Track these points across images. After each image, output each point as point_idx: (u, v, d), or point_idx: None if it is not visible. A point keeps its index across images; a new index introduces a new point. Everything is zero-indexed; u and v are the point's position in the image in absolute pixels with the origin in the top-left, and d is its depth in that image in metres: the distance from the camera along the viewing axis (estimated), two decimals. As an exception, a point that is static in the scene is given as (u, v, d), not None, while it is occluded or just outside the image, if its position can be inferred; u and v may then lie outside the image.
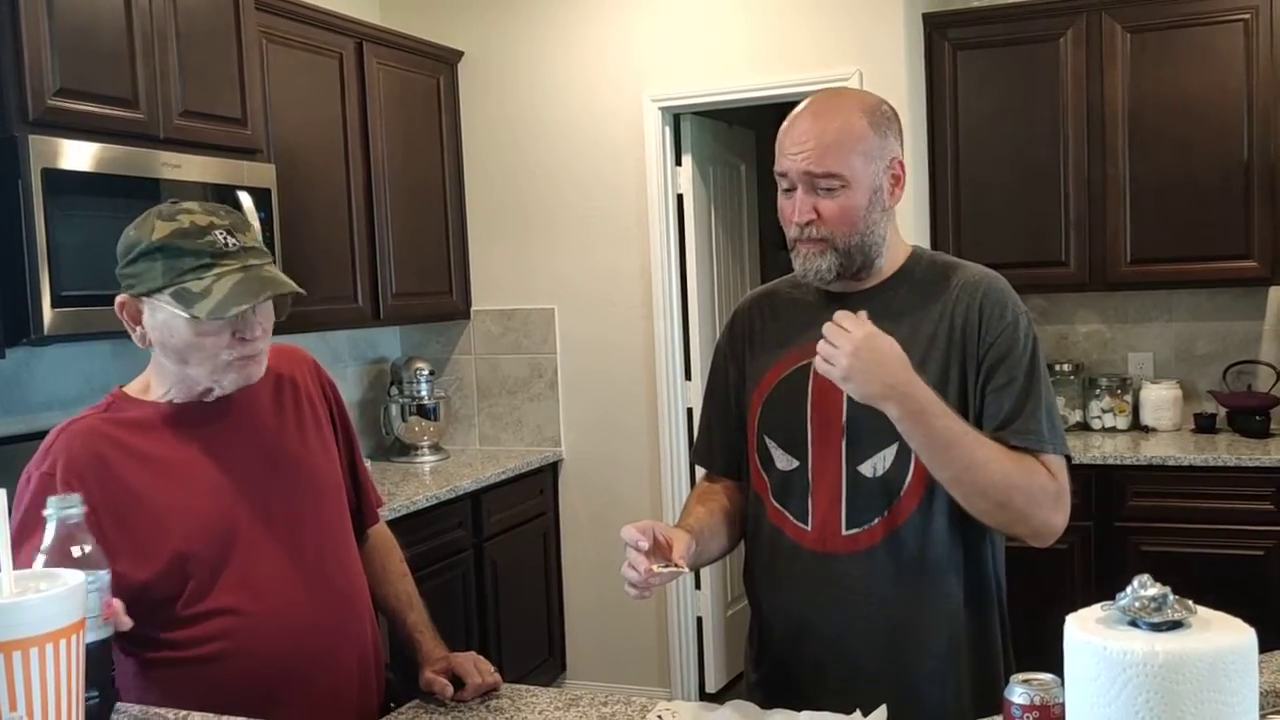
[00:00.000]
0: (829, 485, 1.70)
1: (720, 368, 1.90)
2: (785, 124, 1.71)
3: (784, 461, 1.74)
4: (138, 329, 1.63)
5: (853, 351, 1.51)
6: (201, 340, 1.59)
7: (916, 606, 1.68)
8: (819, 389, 1.70)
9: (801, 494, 1.73)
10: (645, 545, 1.53)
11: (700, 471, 1.96)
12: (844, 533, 1.69)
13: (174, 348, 1.60)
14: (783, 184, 1.70)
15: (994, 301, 1.68)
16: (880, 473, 1.67)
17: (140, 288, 1.58)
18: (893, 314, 1.69)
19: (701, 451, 1.93)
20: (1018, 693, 1.18)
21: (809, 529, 1.71)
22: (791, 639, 1.77)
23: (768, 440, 1.77)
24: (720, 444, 1.89)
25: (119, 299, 1.63)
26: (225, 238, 1.58)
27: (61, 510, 1.39)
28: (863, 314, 1.57)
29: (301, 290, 1.64)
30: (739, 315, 1.90)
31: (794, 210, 1.67)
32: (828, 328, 1.55)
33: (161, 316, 1.59)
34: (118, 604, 1.42)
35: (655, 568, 1.52)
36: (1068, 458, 1.68)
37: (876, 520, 1.67)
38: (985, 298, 1.68)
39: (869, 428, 1.66)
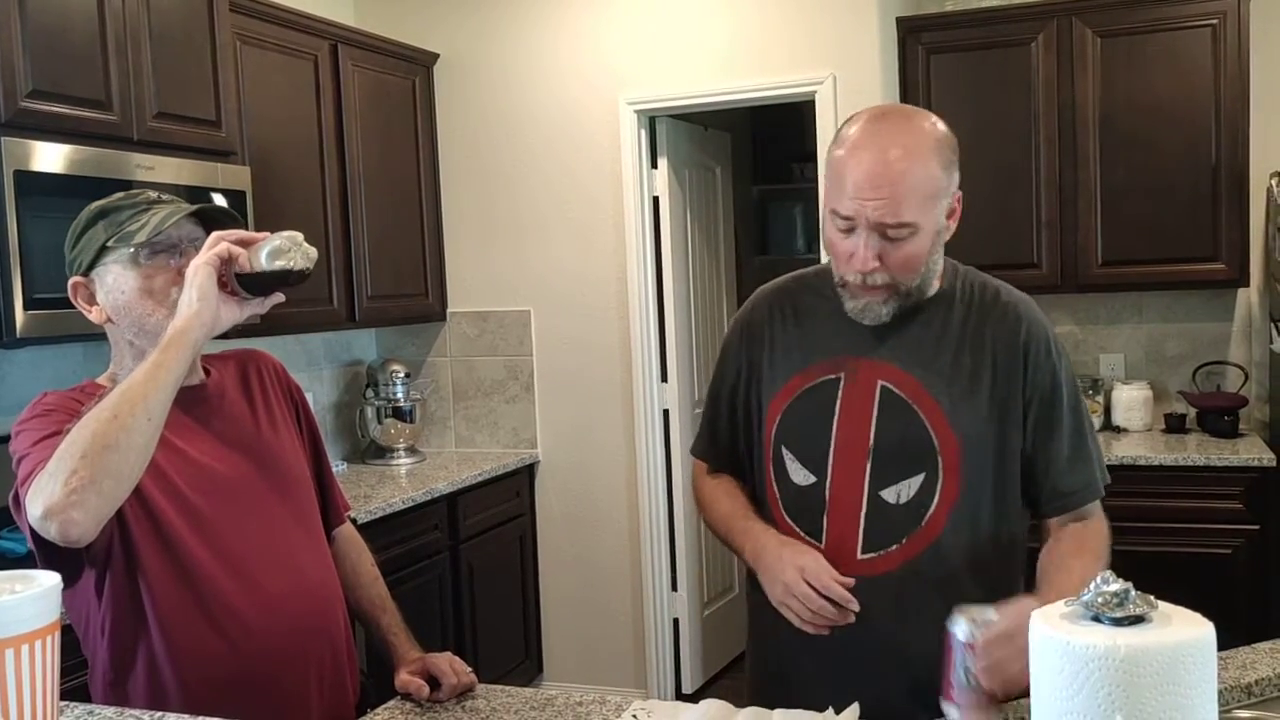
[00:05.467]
0: (848, 506, 1.65)
1: (731, 365, 1.82)
2: (848, 153, 1.57)
3: (800, 476, 1.69)
4: (93, 309, 1.65)
5: (1014, 673, 1.37)
6: (149, 282, 1.61)
7: (926, 634, 1.60)
8: (848, 406, 1.66)
9: (816, 512, 1.68)
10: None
11: (695, 461, 1.93)
12: (859, 556, 1.64)
13: (125, 306, 1.62)
14: (840, 224, 1.58)
15: (1038, 339, 1.68)
16: (904, 500, 1.63)
17: (86, 257, 1.62)
18: (935, 339, 1.67)
19: (705, 451, 1.89)
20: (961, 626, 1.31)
21: (822, 547, 1.66)
22: (792, 653, 1.73)
23: (785, 451, 1.71)
24: (725, 447, 1.85)
25: (70, 283, 1.66)
26: (159, 195, 1.68)
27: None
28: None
29: (235, 213, 1.72)
30: (756, 313, 1.81)
31: (858, 257, 1.57)
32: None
33: (110, 278, 1.62)
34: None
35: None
36: None
37: (895, 546, 1.64)
38: (1030, 336, 1.67)
39: (897, 454, 1.63)
